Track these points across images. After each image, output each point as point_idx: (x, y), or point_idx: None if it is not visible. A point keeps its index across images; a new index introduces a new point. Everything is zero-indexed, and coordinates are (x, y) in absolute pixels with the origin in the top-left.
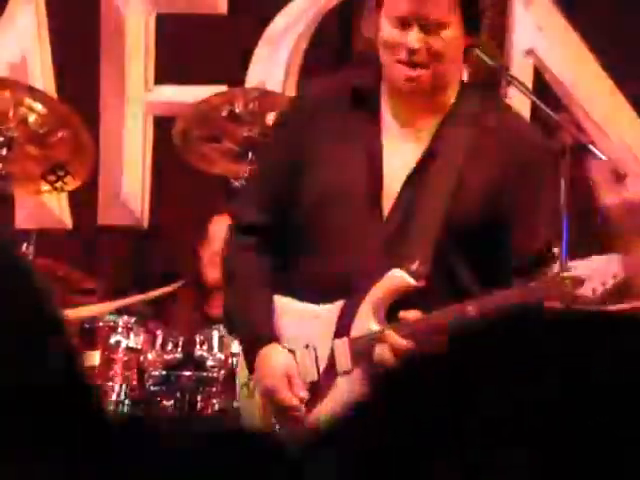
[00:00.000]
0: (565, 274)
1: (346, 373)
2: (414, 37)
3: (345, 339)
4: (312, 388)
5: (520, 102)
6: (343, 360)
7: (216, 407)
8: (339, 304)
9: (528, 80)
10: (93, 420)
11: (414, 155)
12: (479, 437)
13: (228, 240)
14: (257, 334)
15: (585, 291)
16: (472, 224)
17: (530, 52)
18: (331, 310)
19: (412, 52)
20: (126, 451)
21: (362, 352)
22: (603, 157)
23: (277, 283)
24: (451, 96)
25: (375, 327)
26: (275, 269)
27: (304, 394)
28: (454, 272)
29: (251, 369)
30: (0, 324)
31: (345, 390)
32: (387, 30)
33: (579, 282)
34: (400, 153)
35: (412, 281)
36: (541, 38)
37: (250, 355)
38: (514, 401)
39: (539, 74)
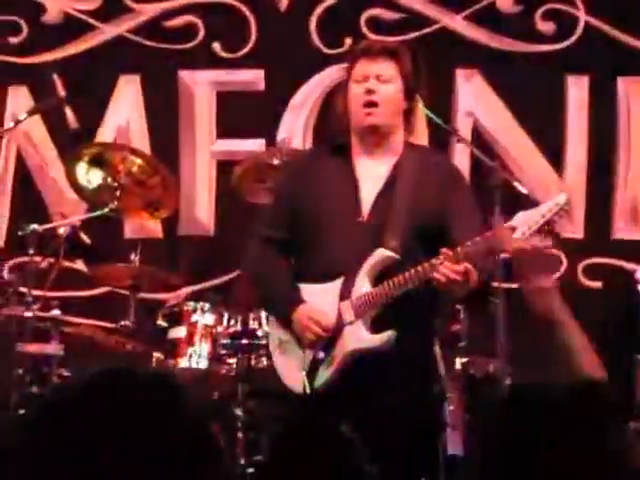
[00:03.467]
0: (504, 225)
1: (350, 324)
2: (371, 82)
3: (347, 301)
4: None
5: (463, 152)
6: (347, 315)
7: (264, 363)
8: (340, 280)
9: (468, 135)
10: None
11: (380, 180)
12: None
13: (253, 249)
14: (291, 301)
15: (517, 234)
16: (425, 220)
17: (470, 114)
18: (335, 285)
19: (369, 92)
20: None
21: (361, 308)
22: (524, 191)
23: (293, 276)
24: (399, 143)
25: (369, 289)
26: (289, 266)
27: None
28: (417, 250)
29: (288, 325)
30: (161, 453)
31: (350, 334)
32: (354, 87)
33: (513, 229)
34: (370, 180)
35: (392, 254)
36: (477, 103)
37: (286, 317)
38: None
39: (476, 130)
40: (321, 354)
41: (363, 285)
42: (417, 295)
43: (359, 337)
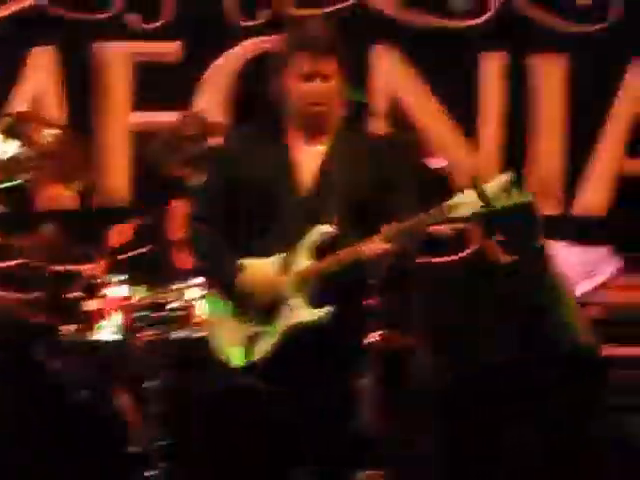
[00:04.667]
0: (446, 203)
1: (290, 299)
2: (317, 83)
3: (287, 277)
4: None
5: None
6: (287, 290)
7: (180, 335)
8: (281, 256)
9: (384, 110)
10: None
11: (317, 158)
12: None
13: (190, 226)
14: (233, 269)
15: (460, 212)
16: (360, 195)
17: (386, 89)
18: (275, 261)
19: (317, 95)
20: None
21: (302, 282)
22: (437, 165)
23: (236, 251)
24: (335, 123)
25: (308, 264)
26: (229, 243)
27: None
28: (356, 225)
29: (230, 293)
30: None
31: (289, 309)
32: (296, 84)
33: (454, 207)
34: (307, 158)
35: (330, 229)
36: (393, 79)
37: (231, 284)
38: None
39: (393, 105)
40: (260, 328)
41: (302, 261)
42: (353, 271)
43: (298, 312)
